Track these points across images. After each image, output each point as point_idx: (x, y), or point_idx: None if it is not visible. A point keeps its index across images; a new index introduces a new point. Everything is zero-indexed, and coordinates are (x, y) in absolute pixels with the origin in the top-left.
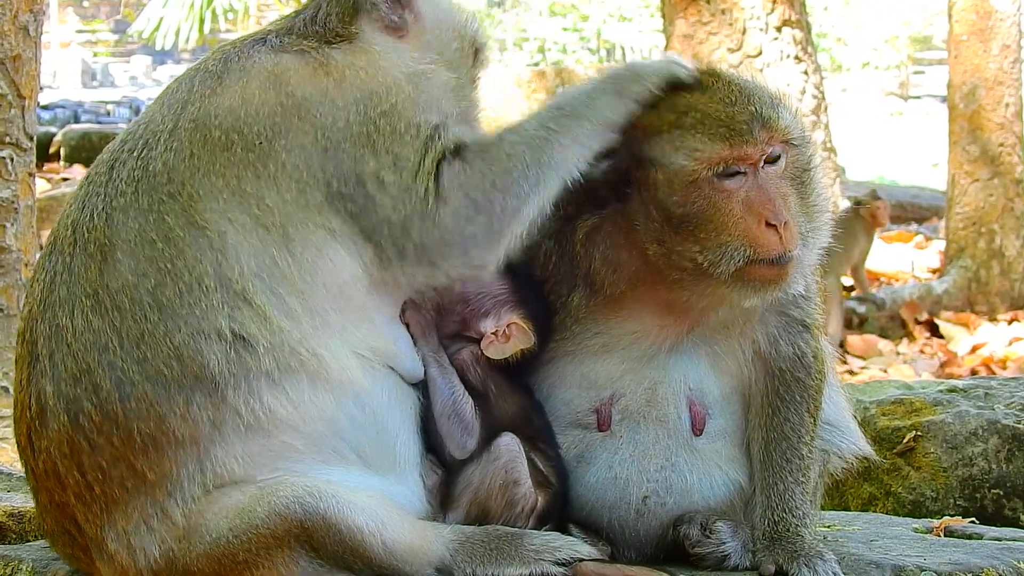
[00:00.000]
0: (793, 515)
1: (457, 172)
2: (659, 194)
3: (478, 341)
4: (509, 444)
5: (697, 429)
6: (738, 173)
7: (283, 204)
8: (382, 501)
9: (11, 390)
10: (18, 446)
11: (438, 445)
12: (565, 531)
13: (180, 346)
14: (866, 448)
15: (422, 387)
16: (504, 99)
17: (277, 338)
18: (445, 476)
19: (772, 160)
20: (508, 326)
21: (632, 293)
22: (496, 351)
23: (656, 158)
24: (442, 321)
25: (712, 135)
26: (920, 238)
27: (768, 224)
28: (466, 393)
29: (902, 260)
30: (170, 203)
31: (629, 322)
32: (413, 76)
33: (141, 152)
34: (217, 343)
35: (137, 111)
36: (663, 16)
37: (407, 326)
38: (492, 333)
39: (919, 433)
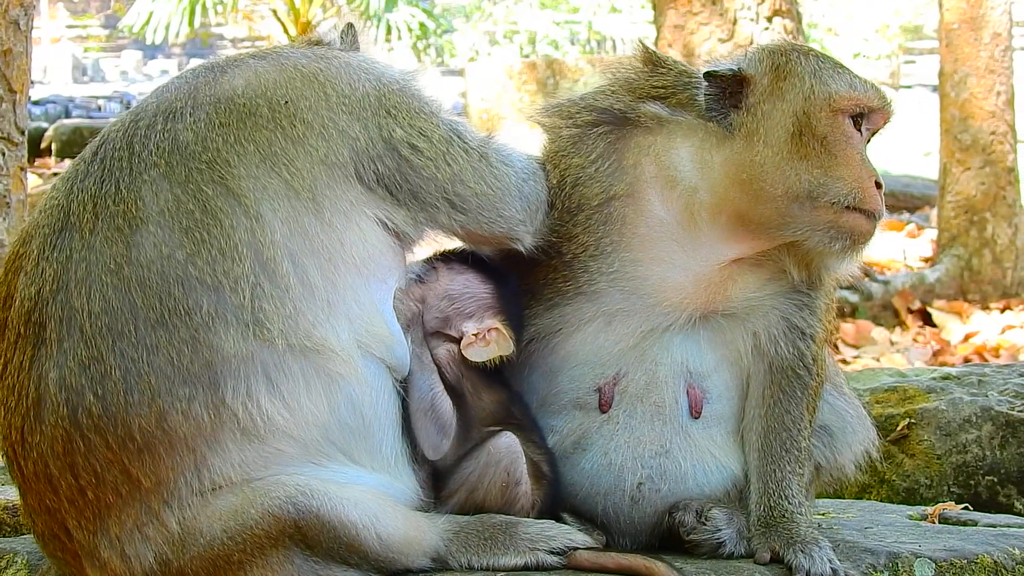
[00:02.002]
0: (789, 502)
1: (494, 145)
2: (806, 107)
3: (456, 340)
4: (510, 445)
5: (695, 412)
6: (860, 128)
7: (311, 166)
8: (374, 495)
9: None
10: (4, 440)
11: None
12: (559, 519)
13: (198, 327)
14: (849, 465)
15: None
16: (495, 91)
17: (292, 321)
18: (433, 469)
19: (871, 138)
20: (489, 331)
21: (670, 235)
22: (475, 353)
23: (810, 74)
24: (424, 316)
25: (867, 85)
26: (912, 226)
27: (876, 183)
28: (445, 392)
29: (894, 249)
30: (208, 172)
31: (656, 269)
32: (405, 72)
33: (165, 125)
34: (235, 325)
35: (128, 106)
36: (653, 7)
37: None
38: (473, 335)
39: (913, 420)
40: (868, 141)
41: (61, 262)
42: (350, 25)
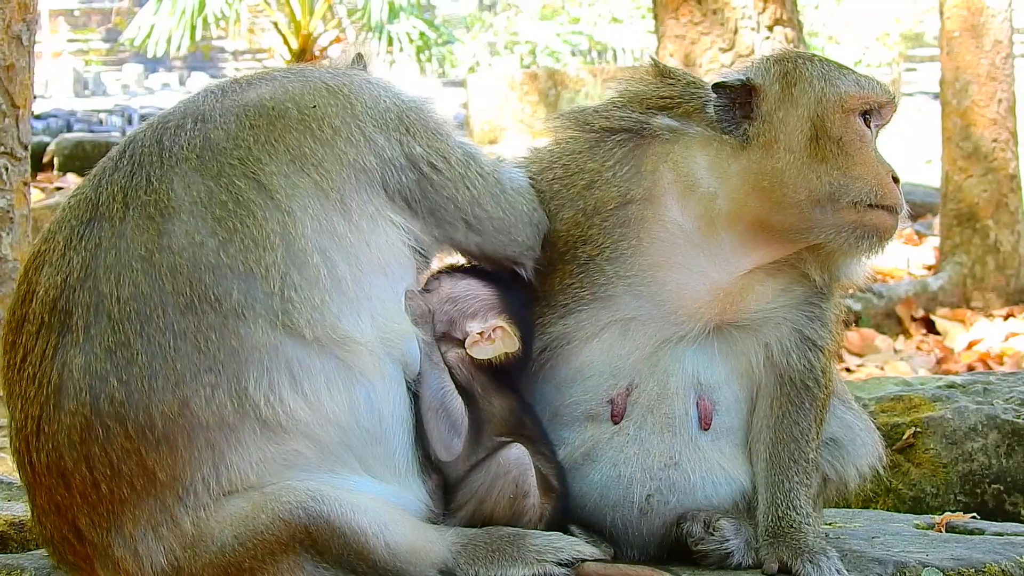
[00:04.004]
0: (797, 512)
1: (505, 170)
2: (819, 110)
3: (463, 343)
4: (520, 457)
5: (705, 423)
6: (870, 125)
7: (340, 169)
8: (384, 503)
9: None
10: (18, 434)
11: (426, 445)
12: (567, 531)
13: (227, 313)
14: (856, 478)
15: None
16: (496, 102)
17: (318, 313)
18: (442, 480)
19: (878, 133)
20: (494, 329)
21: (689, 240)
22: (481, 351)
23: (819, 78)
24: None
25: (873, 82)
26: (912, 233)
27: (893, 178)
28: (455, 391)
29: (897, 257)
30: (240, 167)
31: (674, 275)
32: (421, 95)
33: (195, 126)
34: (263, 315)
35: (130, 119)
36: (655, 17)
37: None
38: (478, 334)
39: (918, 429)
40: (876, 136)
41: (90, 250)
42: (360, 55)
